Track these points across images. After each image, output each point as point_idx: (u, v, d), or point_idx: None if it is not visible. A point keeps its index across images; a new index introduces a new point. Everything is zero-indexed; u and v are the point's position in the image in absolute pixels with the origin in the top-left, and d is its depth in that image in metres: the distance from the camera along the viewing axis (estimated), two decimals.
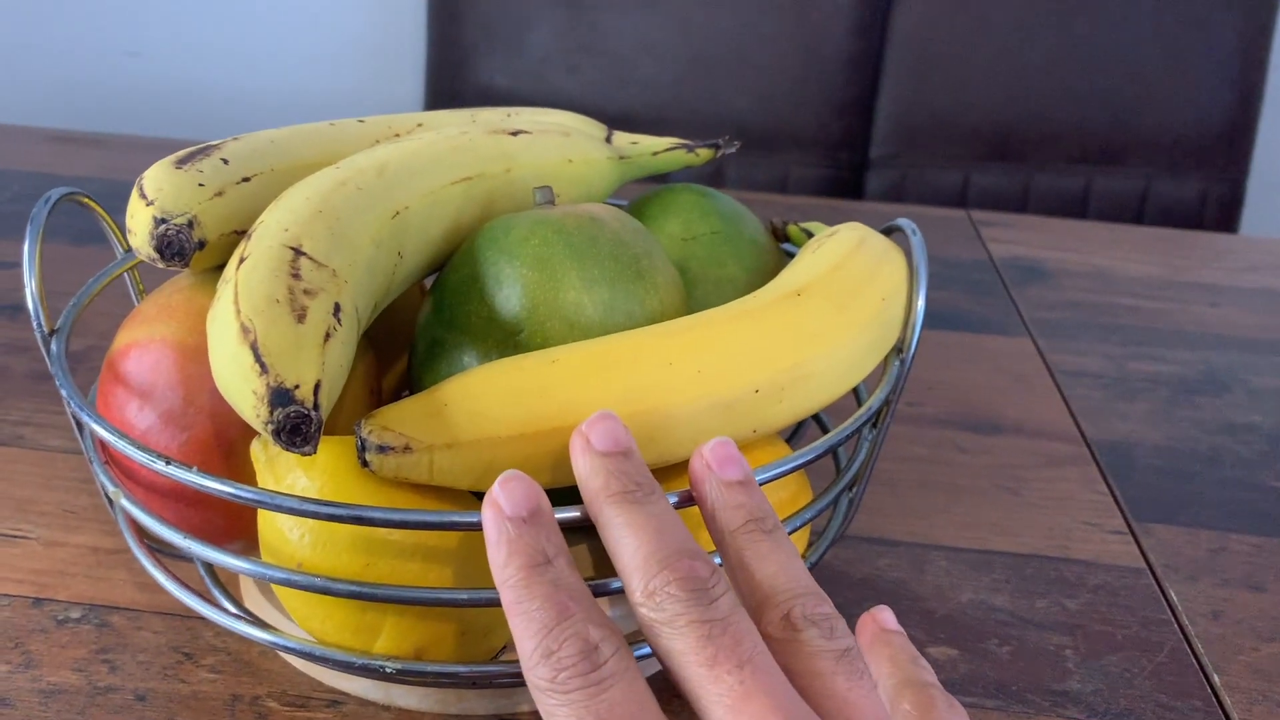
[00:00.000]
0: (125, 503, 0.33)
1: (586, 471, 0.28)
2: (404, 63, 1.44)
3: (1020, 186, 1.29)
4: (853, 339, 0.35)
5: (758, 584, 0.26)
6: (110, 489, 0.34)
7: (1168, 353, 0.67)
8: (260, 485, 0.32)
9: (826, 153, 1.24)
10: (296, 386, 0.27)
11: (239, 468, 0.34)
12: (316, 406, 0.27)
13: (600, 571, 0.37)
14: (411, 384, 0.38)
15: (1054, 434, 0.57)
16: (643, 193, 0.46)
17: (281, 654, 0.38)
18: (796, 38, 1.22)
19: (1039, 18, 1.25)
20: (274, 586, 0.32)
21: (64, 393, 0.34)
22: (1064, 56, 1.26)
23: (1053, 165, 1.29)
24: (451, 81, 1.25)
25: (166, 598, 0.40)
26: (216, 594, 0.37)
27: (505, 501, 0.27)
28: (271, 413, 0.27)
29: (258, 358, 0.28)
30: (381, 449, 0.30)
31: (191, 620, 0.40)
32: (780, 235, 0.46)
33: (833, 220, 0.45)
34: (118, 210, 0.41)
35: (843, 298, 0.35)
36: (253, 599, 0.39)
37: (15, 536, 0.44)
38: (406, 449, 0.30)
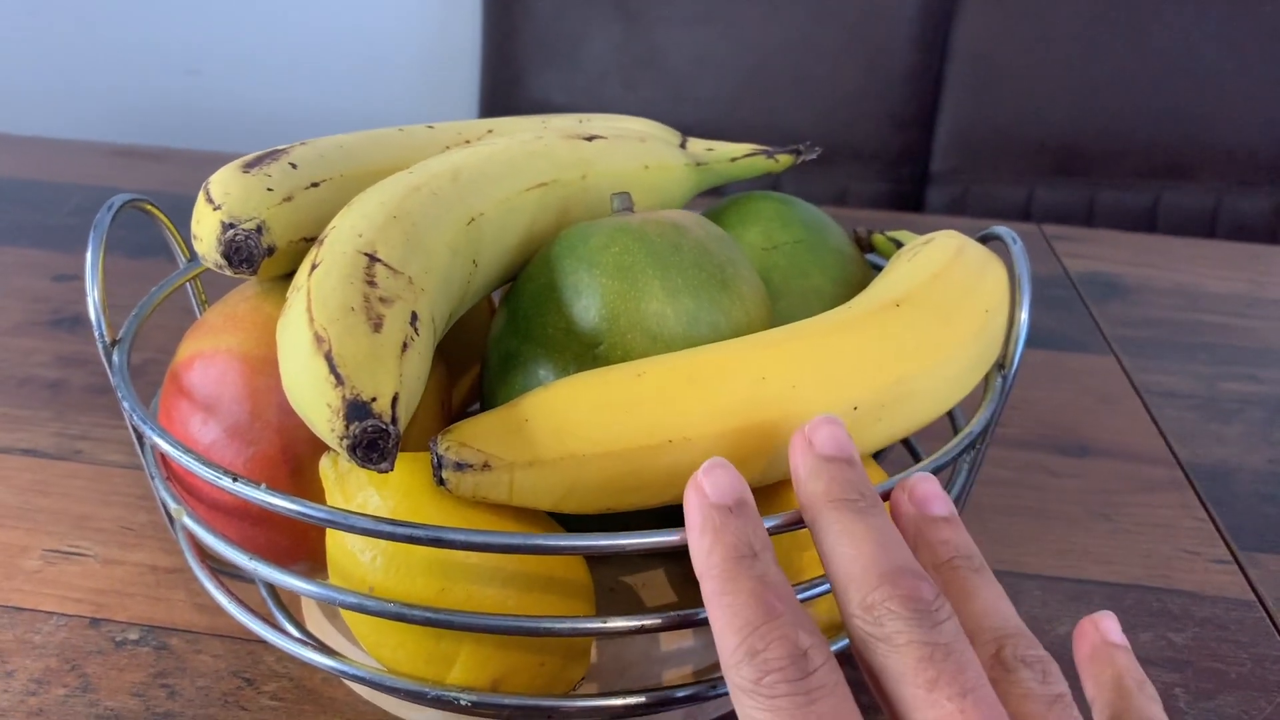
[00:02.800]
0: (188, 521, 0.31)
1: (807, 473, 0.26)
2: (459, 79, 1.44)
3: (1086, 202, 1.25)
4: (957, 354, 0.33)
5: (965, 619, 0.25)
6: (172, 506, 0.32)
7: (1260, 372, 0.63)
8: (329, 504, 0.30)
9: (886, 167, 1.22)
10: (374, 399, 0.26)
11: (306, 485, 0.32)
12: (394, 420, 0.26)
13: (684, 600, 0.35)
14: (483, 398, 0.36)
15: (1146, 457, 0.54)
16: (715, 203, 0.44)
17: (348, 683, 0.36)
18: (857, 51, 1.20)
19: (1105, 30, 1.22)
20: (342, 612, 0.30)
21: (125, 405, 0.32)
22: (1131, 69, 1.22)
23: (1120, 180, 1.26)
24: (507, 98, 1.24)
25: (226, 620, 0.39)
26: (280, 618, 0.35)
27: (711, 488, 0.25)
28: (347, 427, 0.25)
29: (333, 369, 0.26)
30: (459, 466, 0.28)
31: (252, 644, 0.38)
32: (865, 245, 0.44)
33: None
34: (179, 222, 0.40)
35: (945, 309, 0.33)
36: (315, 622, 0.37)
37: (73, 554, 0.42)
38: (485, 466, 0.28)
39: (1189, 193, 1.26)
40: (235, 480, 0.28)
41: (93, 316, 0.34)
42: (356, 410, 0.25)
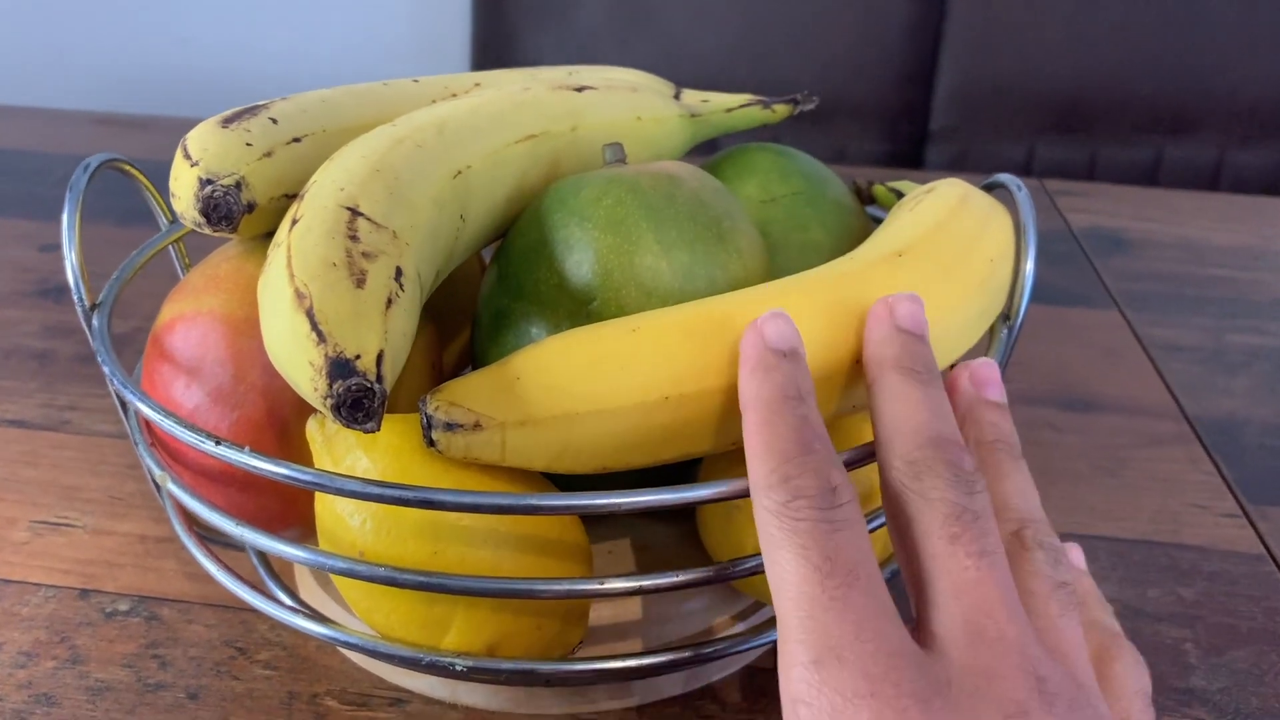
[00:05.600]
0: (173, 488, 0.31)
1: (880, 337, 0.27)
2: (450, 41, 1.42)
3: (1087, 158, 1.24)
4: (960, 305, 0.32)
5: (994, 497, 0.26)
6: (157, 473, 0.32)
7: (1266, 324, 0.62)
8: (317, 467, 0.30)
9: (885, 125, 1.20)
10: (357, 357, 0.25)
11: (293, 448, 0.31)
12: (380, 379, 0.25)
13: (683, 561, 0.35)
14: (475, 358, 0.35)
15: (1153, 411, 0.53)
16: (711, 157, 0.43)
17: (342, 650, 0.36)
18: (853, 6, 1.18)
19: None
20: (334, 578, 0.30)
21: (106, 369, 0.31)
22: (1133, 21, 1.20)
23: (1121, 135, 1.24)
24: (499, 57, 1.22)
25: (218, 588, 0.38)
26: (271, 585, 0.35)
27: (770, 333, 0.27)
28: (331, 386, 0.24)
29: (314, 326, 0.25)
30: (449, 426, 0.27)
31: (244, 612, 0.37)
32: (865, 197, 0.43)
33: None
34: (165, 188, 0.39)
35: (948, 260, 0.32)
36: (309, 589, 0.36)
37: (62, 525, 0.42)
38: (477, 426, 0.27)
39: (1191, 147, 1.24)
40: (219, 444, 0.27)
41: (71, 280, 0.33)
42: (340, 368, 0.24)
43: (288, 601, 0.33)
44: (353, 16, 1.44)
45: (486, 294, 0.34)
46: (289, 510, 0.32)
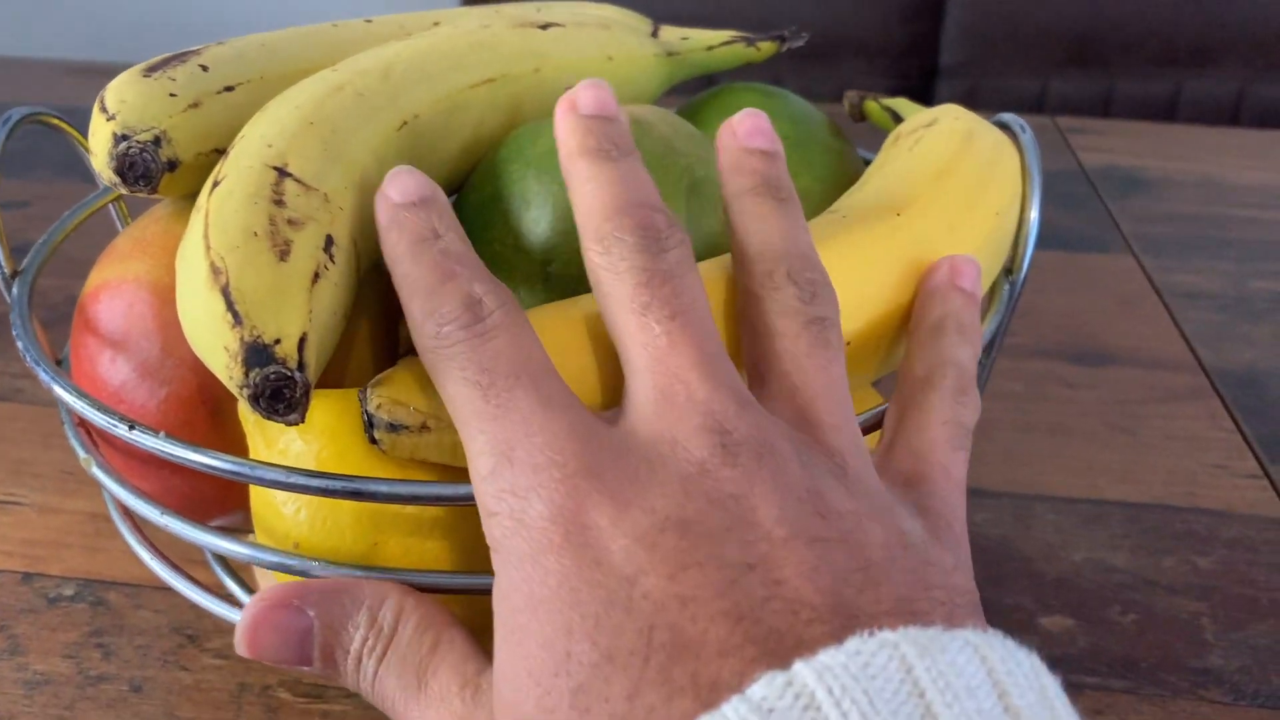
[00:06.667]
0: (96, 471, 0.28)
1: (565, 132, 0.26)
2: None
3: (1103, 93, 1.19)
4: None
5: (752, 243, 0.25)
6: (80, 455, 0.29)
7: None
8: (250, 450, 0.27)
9: (892, 61, 1.15)
10: (277, 341, 0.22)
11: (228, 426, 0.28)
12: (302, 366, 0.22)
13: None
14: None
15: (1169, 364, 0.50)
16: (696, 98, 0.39)
17: None
18: None
19: None
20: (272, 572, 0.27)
21: (20, 345, 0.29)
22: None
23: (1138, 69, 1.20)
24: None
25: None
26: (220, 573, 0.32)
27: (396, 192, 0.24)
28: (247, 374, 0.22)
29: (230, 306, 0.22)
30: (393, 428, 0.24)
31: None
32: (857, 114, 0.39)
33: None
34: None
35: (952, 215, 0.29)
36: (267, 575, 0.34)
37: (8, 502, 0.39)
38: (424, 428, 0.24)
39: (1211, 80, 1.20)
40: (132, 429, 0.25)
41: None
42: (256, 354, 0.22)
43: (237, 592, 0.31)
44: None
45: None
46: (226, 495, 0.30)
